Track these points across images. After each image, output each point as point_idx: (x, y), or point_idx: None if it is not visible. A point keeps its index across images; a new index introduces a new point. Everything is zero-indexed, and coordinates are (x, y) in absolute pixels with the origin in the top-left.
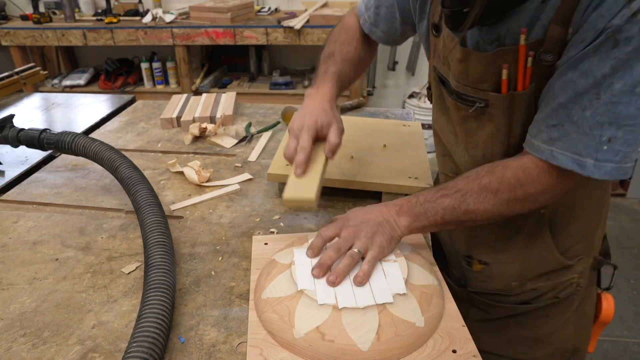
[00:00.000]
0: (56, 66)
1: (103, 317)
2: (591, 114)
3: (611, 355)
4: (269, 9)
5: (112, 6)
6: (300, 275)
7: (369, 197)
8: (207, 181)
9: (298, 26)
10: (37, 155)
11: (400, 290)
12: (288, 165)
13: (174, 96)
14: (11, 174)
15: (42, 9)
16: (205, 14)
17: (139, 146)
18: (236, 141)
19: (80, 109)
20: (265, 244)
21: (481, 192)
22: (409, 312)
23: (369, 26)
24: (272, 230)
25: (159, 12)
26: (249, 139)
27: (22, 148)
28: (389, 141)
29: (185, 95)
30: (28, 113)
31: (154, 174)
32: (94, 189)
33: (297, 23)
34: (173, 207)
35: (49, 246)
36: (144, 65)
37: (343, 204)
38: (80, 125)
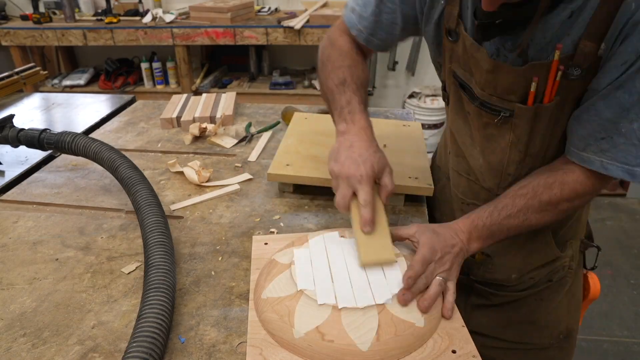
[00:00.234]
0: (56, 66)
1: (103, 317)
2: (638, 126)
3: (611, 355)
4: (269, 9)
5: (112, 6)
6: (300, 275)
7: None
8: (207, 181)
9: (298, 26)
10: (37, 155)
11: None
12: (289, 165)
13: (174, 96)
14: (11, 174)
15: (42, 9)
16: (205, 14)
17: (139, 146)
18: (236, 141)
19: (80, 109)
20: (265, 243)
21: (542, 208)
22: (408, 312)
23: (366, 36)
24: (272, 230)
25: (159, 12)
26: (249, 139)
27: (22, 148)
28: (389, 141)
29: (185, 95)
30: (28, 113)
31: (154, 174)
32: (94, 189)
33: (297, 23)
34: (173, 207)
35: (49, 246)
36: (144, 65)
37: None
38: (80, 125)
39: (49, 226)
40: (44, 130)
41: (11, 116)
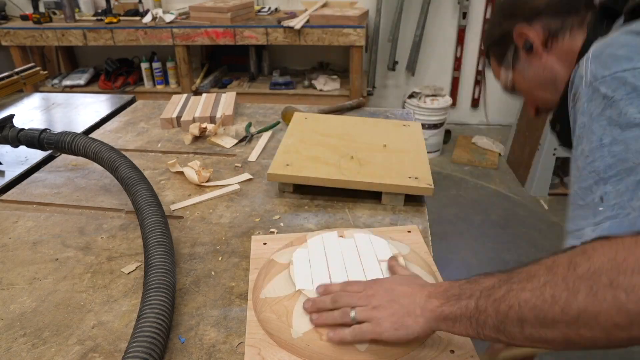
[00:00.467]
0: (56, 66)
1: (103, 317)
2: (579, 186)
3: (611, 355)
4: (269, 9)
5: (112, 6)
6: (299, 275)
7: (368, 197)
8: (207, 181)
9: (298, 26)
10: (37, 155)
11: None
12: (289, 165)
13: (174, 96)
14: (11, 174)
15: (42, 9)
16: (205, 14)
17: (139, 146)
18: (236, 141)
19: (80, 109)
20: (264, 243)
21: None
22: None
23: None
24: (272, 230)
25: (159, 12)
26: (249, 139)
27: (22, 148)
28: (389, 141)
29: (185, 95)
30: (28, 113)
31: (154, 174)
32: (94, 189)
33: (297, 23)
34: (173, 207)
35: (49, 246)
36: (144, 65)
37: (343, 203)
38: (80, 125)
39: (49, 226)
40: (44, 130)
41: (11, 116)
